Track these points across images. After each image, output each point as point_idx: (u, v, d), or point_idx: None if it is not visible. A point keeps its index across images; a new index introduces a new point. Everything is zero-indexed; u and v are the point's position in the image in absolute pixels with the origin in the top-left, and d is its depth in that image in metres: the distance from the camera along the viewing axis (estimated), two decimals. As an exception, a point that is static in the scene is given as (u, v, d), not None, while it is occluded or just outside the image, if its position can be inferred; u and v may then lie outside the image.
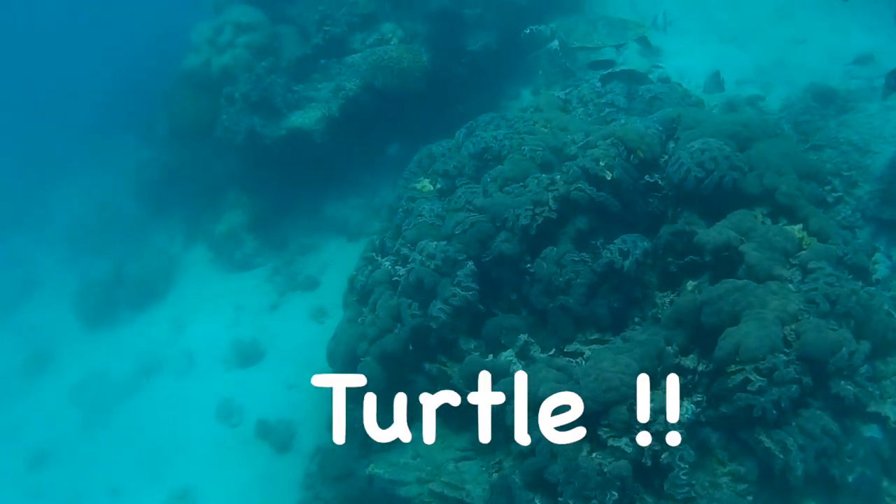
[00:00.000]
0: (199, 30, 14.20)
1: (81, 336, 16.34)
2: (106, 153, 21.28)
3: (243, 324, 13.47)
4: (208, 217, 15.44)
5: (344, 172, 13.88)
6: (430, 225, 8.30)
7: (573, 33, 10.86)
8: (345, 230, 13.87)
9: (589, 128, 8.76)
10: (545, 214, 7.66)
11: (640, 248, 7.26)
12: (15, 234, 20.99)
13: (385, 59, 12.31)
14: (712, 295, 6.39)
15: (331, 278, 13.07)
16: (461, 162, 9.15)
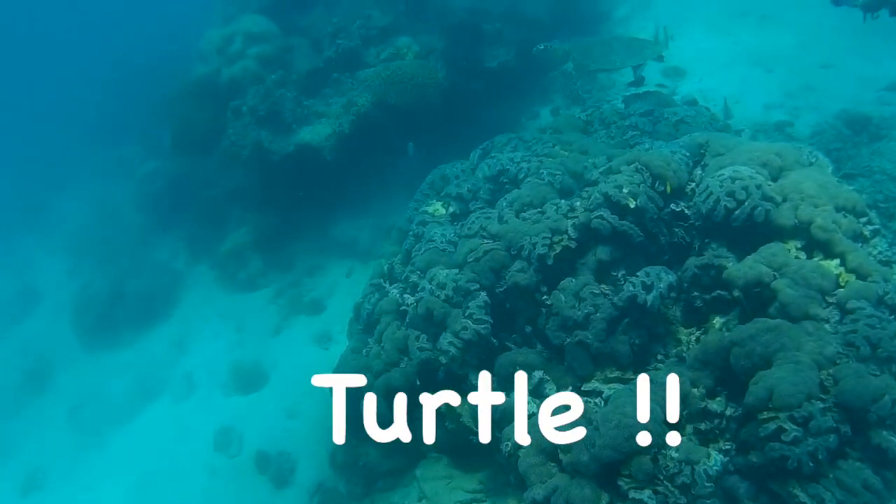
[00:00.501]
0: (209, 38, 14.04)
1: (80, 354, 16.20)
2: (112, 162, 21.28)
3: (245, 347, 13.24)
4: (212, 233, 15.29)
5: (354, 191, 13.66)
6: (442, 251, 7.99)
7: (589, 55, 10.56)
8: (353, 251, 13.61)
9: (611, 151, 8.47)
10: (564, 243, 7.33)
11: (664, 281, 6.92)
12: (19, 241, 21.18)
13: (399, 75, 12.09)
14: (742, 335, 6.03)
15: (337, 302, 12.84)
16: (476, 185, 8.86)
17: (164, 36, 23.50)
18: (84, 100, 25.14)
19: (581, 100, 11.54)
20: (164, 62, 20.49)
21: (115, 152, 21.58)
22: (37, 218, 21.75)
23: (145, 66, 22.60)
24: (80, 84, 26.30)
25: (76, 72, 27.32)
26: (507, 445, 6.36)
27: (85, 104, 24.90)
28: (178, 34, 21.05)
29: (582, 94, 12.12)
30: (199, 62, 14.08)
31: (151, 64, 22.20)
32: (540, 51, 10.95)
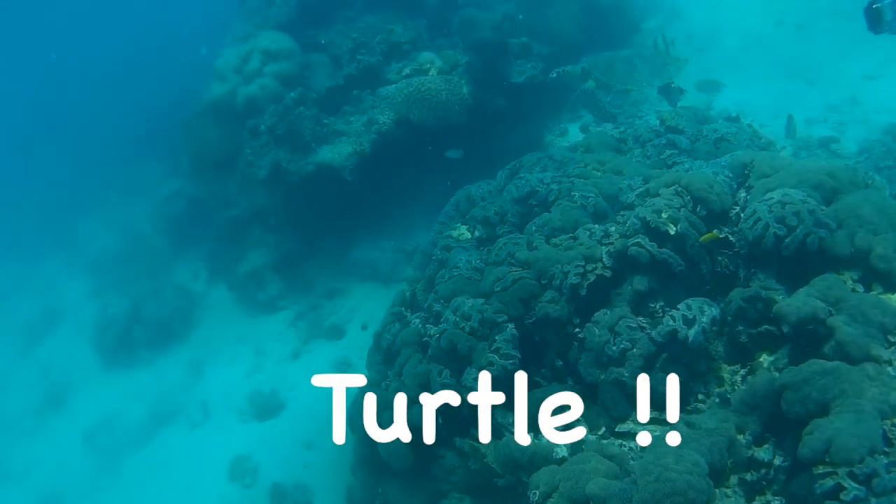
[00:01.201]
0: (226, 57, 13.72)
1: (98, 375, 16.01)
2: (135, 181, 21.27)
3: (263, 372, 12.95)
4: (232, 254, 14.98)
5: (375, 212, 13.29)
6: (467, 279, 7.52)
7: (612, 73, 10.14)
8: (374, 274, 13.26)
9: (648, 172, 7.98)
10: (598, 272, 6.85)
11: (707, 315, 6.41)
12: (44, 260, 21.25)
13: (422, 91, 11.66)
14: (795, 378, 5.50)
15: (357, 327, 12.54)
16: (503, 207, 8.39)
17: (184, 53, 23.45)
18: (107, 119, 25.39)
19: (611, 116, 11.06)
20: (184, 79, 20.40)
21: (137, 171, 21.65)
22: (61, 238, 21.74)
23: (167, 84, 23.00)
24: (103, 103, 26.56)
25: (103, 89, 27.55)
26: (535, 495, 5.84)
27: (108, 123, 25.15)
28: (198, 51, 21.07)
29: (612, 111, 11.65)
30: (215, 81, 13.74)
31: (173, 81, 22.49)
32: (553, 78, 10.58)
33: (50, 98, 29.37)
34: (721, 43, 15.55)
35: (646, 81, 10.21)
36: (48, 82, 30.63)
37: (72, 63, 31.05)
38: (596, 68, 10.28)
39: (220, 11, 19.21)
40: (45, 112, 28.74)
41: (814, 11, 15.33)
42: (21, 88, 31.71)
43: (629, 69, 10.24)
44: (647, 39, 15.92)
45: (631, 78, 10.20)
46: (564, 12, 13.83)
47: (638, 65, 10.22)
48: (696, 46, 15.47)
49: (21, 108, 30.06)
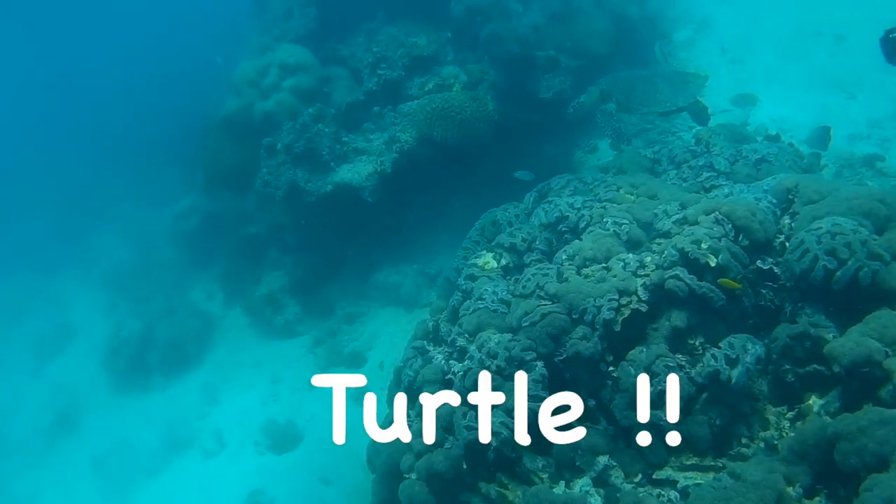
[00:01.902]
0: (242, 70, 13.54)
1: (110, 398, 15.92)
2: (152, 193, 21.20)
3: (280, 400, 12.75)
4: (249, 274, 14.87)
5: (397, 234, 13.04)
6: (493, 312, 7.24)
7: (633, 94, 9.84)
8: (396, 299, 13.00)
9: (684, 196, 7.68)
10: (633, 306, 6.57)
11: (751, 354, 6.13)
12: (58, 273, 21.20)
13: (446, 108, 11.41)
14: (850, 427, 5.17)
15: (378, 355, 12.26)
16: (531, 233, 8.12)
17: (204, 61, 23.43)
18: (125, 129, 25.40)
19: (626, 139, 10.73)
20: (204, 88, 20.35)
21: (155, 183, 21.55)
22: (76, 250, 21.76)
23: (187, 93, 22.67)
24: (123, 112, 26.57)
25: (120, 99, 27.61)
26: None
27: (126, 134, 25.15)
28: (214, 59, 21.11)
29: (628, 133, 11.34)
30: (231, 95, 13.57)
31: (193, 90, 22.11)
32: (571, 113, 10.31)
33: (69, 107, 29.45)
34: (756, 55, 15.22)
35: (669, 101, 9.88)
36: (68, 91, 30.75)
37: (92, 71, 31.31)
38: (615, 90, 9.97)
39: (238, 18, 19.11)
40: (64, 121, 28.88)
41: (853, 21, 14.92)
42: (40, 96, 32.00)
43: (650, 89, 9.91)
44: (678, 52, 15.67)
45: (653, 98, 9.87)
46: (592, 24, 13.55)
47: (659, 84, 9.89)
48: (729, 58, 15.20)
49: (39, 116, 30.34)
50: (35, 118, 30.27)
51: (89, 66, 31.48)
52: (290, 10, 14.57)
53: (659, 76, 10.07)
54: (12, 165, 27.81)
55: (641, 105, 9.96)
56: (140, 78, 27.84)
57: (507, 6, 13.37)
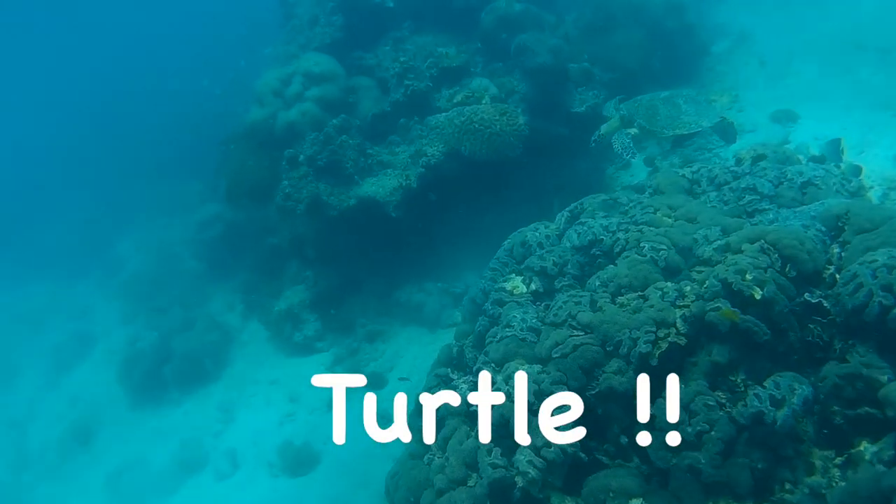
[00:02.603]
0: (266, 79, 13.36)
1: (125, 412, 15.84)
2: (176, 201, 21.45)
3: (297, 420, 12.50)
4: (269, 287, 14.70)
5: (421, 251, 12.82)
6: (521, 341, 6.95)
7: (656, 118, 9.51)
8: (419, 318, 12.70)
9: (725, 221, 7.34)
10: (671, 339, 6.24)
11: (798, 395, 5.78)
12: (80, 282, 21.47)
13: (475, 121, 11.13)
14: (910, 480, 4.84)
15: (401, 377, 11.80)
16: (562, 257, 7.81)
17: (229, 67, 23.59)
18: (151, 137, 25.91)
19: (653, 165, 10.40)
20: (229, 94, 20.43)
21: (179, 190, 21.88)
22: (97, 257, 21.97)
23: (213, 99, 23.43)
24: (147, 121, 27.12)
25: (144, 109, 28.18)
26: None
27: (152, 141, 25.65)
28: (243, 69, 21.26)
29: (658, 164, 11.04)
30: (254, 104, 13.37)
31: (218, 96, 22.99)
32: (594, 147, 10.01)
33: (97, 114, 29.90)
34: (796, 69, 14.81)
35: (693, 122, 9.57)
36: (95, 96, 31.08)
37: (120, 80, 31.68)
38: (636, 114, 9.66)
39: (265, 27, 19.10)
40: (90, 126, 29.37)
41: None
42: (66, 101, 32.31)
43: (674, 111, 9.59)
44: (716, 65, 15.34)
45: (678, 120, 9.55)
46: (628, 35, 13.30)
47: (682, 105, 9.58)
48: (768, 73, 14.82)
49: (65, 122, 30.65)
50: (64, 125, 30.64)
51: (118, 75, 31.85)
52: (316, 17, 14.41)
53: (681, 97, 9.76)
54: (41, 172, 28.33)
55: (666, 128, 9.66)
56: (167, 86, 28.28)
57: (540, 17, 13.15)
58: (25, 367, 19.24)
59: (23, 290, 22.59)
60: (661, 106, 9.65)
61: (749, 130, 13.06)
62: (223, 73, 24.74)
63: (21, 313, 21.34)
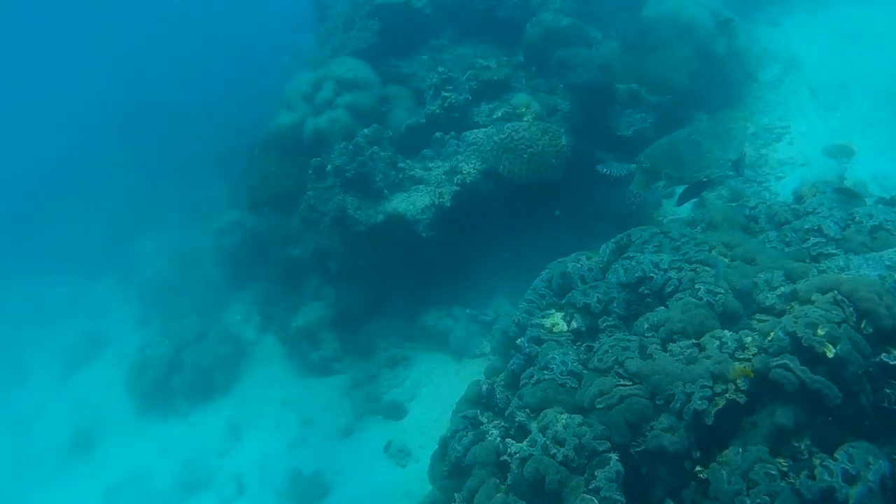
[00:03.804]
0: (296, 83, 12.93)
1: (130, 421, 15.42)
2: (200, 205, 21.32)
3: (308, 446, 12.00)
4: (285, 302, 14.27)
5: (450, 274, 12.25)
6: (560, 386, 6.43)
7: (682, 164, 8.98)
8: (444, 345, 12.16)
9: (789, 265, 6.80)
10: (729, 396, 5.71)
11: (874, 470, 5.24)
12: (97, 279, 21.33)
13: (515, 139, 10.60)
14: None
15: (421, 407, 11.48)
16: (608, 293, 7.27)
17: (259, 75, 23.52)
18: (179, 138, 25.91)
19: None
20: (256, 101, 20.21)
21: (204, 194, 21.71)
22: (117, 256, 21.79)
23: (244, 103, 22.95)
24: (176, 122, 27.11)
25: (173, 110, 28.03)
26: None
27: (180, 143, 25.63)
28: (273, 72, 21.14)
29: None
30: (283, 109, 12.91)
31: (248, 101, 22.38)
32: (633, 209, 9.50)
33: (126, 112, 29.91)
34: (851, 101, 14.20)
35: (720, 158, 9.07)
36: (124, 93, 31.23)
37: (148, 76, 31.83)
38: (660, 163, 9.15)
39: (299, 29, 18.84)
40: (120, 126, 29.25)
41: (965, 67, 13.95)
42: (98, 101, 32.54)
43: (697, 151, 9.09)
44: (765, 92, 14.75)
45: (705, 160, 9.04)
46: (677, 57, 12.80)
47: (704, 143, 9.08)
48: (821, 103, 14.22)
49: (95, 121, 30.86)
50: (94, 125, 30.73)
51: (149, 75, 32.14)
52: (352, 21, 14.02)
53: (699, 133, 9.28)
54: (70, 170, 28.30)
55: (695, 172, 9.16)
56: (196, 89, 28.43)
57: (586, 32, 12.69)
58: (36, 364, 19.08)
59: (42, 285, 22.47)
60: (683, 149, 9.18)
61: (801, 164, 12.56)
62: (255, 75, 24.60)
63: (38, 309, 21.22)
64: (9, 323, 20.94)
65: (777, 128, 13.49)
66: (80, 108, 32.83)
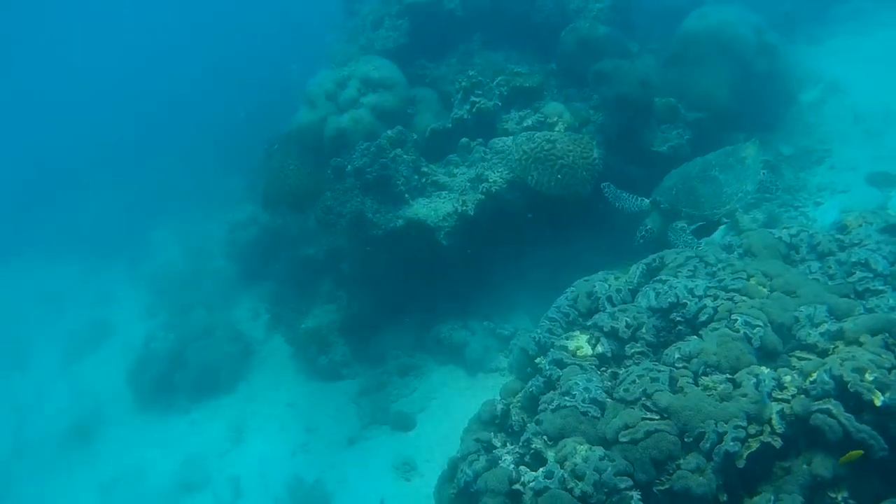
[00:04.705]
0: (319, 80, 12.68)
1: (130, 414, 15.39)
2: (218, 196, 21.43)
3: (311, 453, 11.76)
4: (296, 303, 14.05)
5: (469, 285, 12.01)
6: (582, 414, 6.06)
7: (699, 201, 8.72)
8: (459, 357, 11.88)
9: (833, 300, 6.42)
10: (764, 439, 5.33)
11: (921, 531, 4.83)
12: (109, 267, 21.46)
13: (545, 150, 10.26)
14: None
15: (430, 421, 11.22)
16: (637, 318, 6.88)
17: (282, 70, 23.84)
18: (201, 130, 26.26)
19: None
20: (278, 98, 20.21)
21: (222, 184, 22.01)
22: (130, 243, 21.96)
23: (264, 100, 23.46)
24: (198, 113, 27.56)
25: (196, 101, 28.71)
26: None
27: (201, 134, 25.95)
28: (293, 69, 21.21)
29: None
30: (305, 106, 12.64)
31: (268, 98, 22.80)
32: (642, 244, 9.17)
33: (150, 100, 30.67)
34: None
35: (739, 189, 8.77)
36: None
37: (173, 66, 32.11)
38: (677, 201, 8.84)
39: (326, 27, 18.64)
40: (143, 113, 30.05)
41: None
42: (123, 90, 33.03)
43: (713, 185, 8.84)
44: (805, 115, 14.35)
45: (723, 194, 8.75)
46: (717, 74, 12.44)
47: (718, 176, 8.81)
48: (864, 129, 13.83)
49: (118, 106, 31.66)
50: (119, 113, 31.34)
51: (171, 66, 32.53)
52: (381, 19, 13.80)
53: (712, 167, 9.05)
54: (90, 154, 28.76)
55: (713, 207, 8.93)
56: (222, 81, 28.83)
57: (623, 43, 12.39)
58: (40, 347, 19.09)
59: (54, 268, 22.60)
60: (698, 185, 8.93)
61: (841, 191, 12.17)
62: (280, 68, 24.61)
63: (47, 292, 21.29)
64: (17, 302, 21.18)
65: (817, 151, 13.12)
66: (108, 95, 33.42)
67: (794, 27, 15.75)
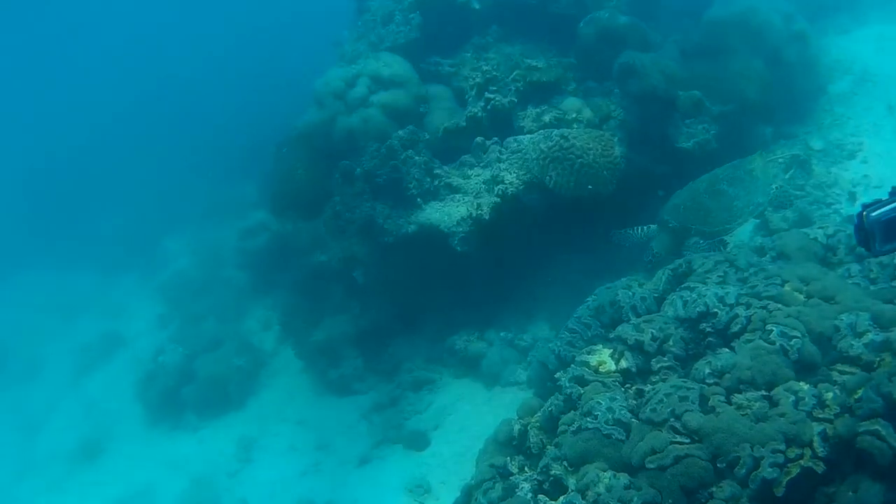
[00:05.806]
0: (328, 78, 12.37)
1: (139, 430, 15.30)
2: (230, 204, 21.25)
3: (322, 473, 11.49)
4: (308, 315, 13.73)
5: (486, 293, 11.65)
6: (605, 437, 5.74)
7: (710, 218, 8.43)
8: (475, 370, 11.53)
9: (876, 306, 6.07)
10: (805, 464, 4.97)
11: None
12: (121, 278, 21.52)
13: (564, 148, 9.90)
14: None
15: (445, 438, 10.82)
16: (664, 329, 6.54)
17: (291, 71, 23.54)
18: (210, 135, 26.32)
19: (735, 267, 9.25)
20: (290, 97, 20.01)
21: (234, 191, 21.82)
22: (144, 254, 21.92)
23: (279, 99, 22.61)
24: (207, 118, 27.53)
25: (204, 106, 28.70)
26: None
27: (210, 140, 26.08)
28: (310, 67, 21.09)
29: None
30: (313, 105, 12.38)
31: (280, 97, 22.24)
32: (650, 267, 8.87)
33: (156, 104, 30.68)
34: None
35: (751, 203, 8.49)
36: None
37: (183, 71, 32.29)
38: (688, 220, 8.55)
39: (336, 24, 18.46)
40: (151, 120, 29.89)
41: None
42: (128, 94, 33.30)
43: (723, 200, 8.57)
44: (835, 106, 13.94)
45: (735, 209, 8.46)
46: (745, 64, 12.03)
47: (728, 190, 8.52)
48: (897, 116, 13.45)
49: (126, 114, 31.60)
50: (124, 118, 31.42)
51: (180, 70, 32.68)
52: (392, 14, 13.47)
53: (720, 180, 8.78)
54: (99, 163, 28.52)
55: (726, 223, 8.67)
56: (231, 85, 29.08)
57: (646, 33, 12.00)
58: (51, 359, 19.19)
59: (66, 278, 22.62)
60: (707, 201, 8.64)
61: (875, 186, 11.71)
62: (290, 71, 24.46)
63: (59, 303, 21.28)
64: (29, 314, 21.13)
65: (849, 144, 12.71)
66: (115, 103, 33.50)
67: (824, 16, 15.35)
